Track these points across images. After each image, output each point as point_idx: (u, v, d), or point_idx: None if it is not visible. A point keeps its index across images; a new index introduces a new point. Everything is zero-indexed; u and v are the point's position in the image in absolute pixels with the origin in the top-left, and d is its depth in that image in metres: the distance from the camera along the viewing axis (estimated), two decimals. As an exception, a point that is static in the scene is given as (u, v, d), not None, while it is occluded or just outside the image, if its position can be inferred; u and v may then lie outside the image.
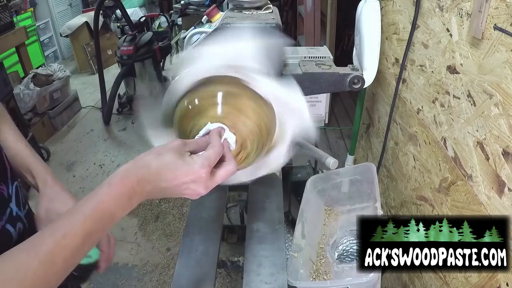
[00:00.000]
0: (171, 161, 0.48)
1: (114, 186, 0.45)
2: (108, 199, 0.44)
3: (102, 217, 0.44)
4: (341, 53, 3.74)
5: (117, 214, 0.46)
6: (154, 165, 0.47)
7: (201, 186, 0.49)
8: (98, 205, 0.44)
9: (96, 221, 0.43)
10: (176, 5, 3.89)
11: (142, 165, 0.47)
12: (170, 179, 0.47)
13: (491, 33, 0.70)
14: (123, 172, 0.47)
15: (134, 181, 0.46)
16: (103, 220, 0.44)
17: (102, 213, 0.44)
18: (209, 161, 0.50)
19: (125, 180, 0.46)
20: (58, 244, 0.41)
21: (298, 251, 0.97)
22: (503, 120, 0.69)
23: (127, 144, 3.01)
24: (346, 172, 1.21)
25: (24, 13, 4.11)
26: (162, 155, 0.48)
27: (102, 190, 0.45)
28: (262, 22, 0.89)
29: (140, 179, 0.46)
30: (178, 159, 0.48)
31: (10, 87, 2.45)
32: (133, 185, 0.46)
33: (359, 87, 1.10)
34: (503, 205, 0.71)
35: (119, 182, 0.46)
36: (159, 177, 0.47)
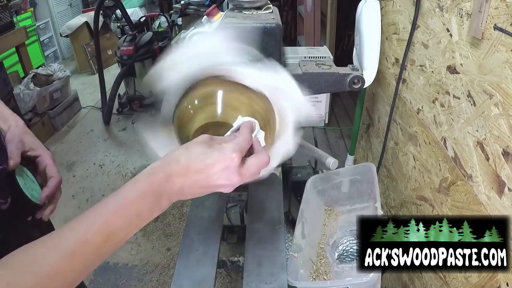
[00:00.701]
0: (200, 151, 0.46)
1: (139, 183, 0.44)
2: (133, 196, 0.43)
3: (127, 215, 0.42)
4: (341, 53, 3.74)
5: (144, 214, 0.44)
6: (183, 159, 0.45)
7: (234, 174, 0.46)
8: (121, 202, 0.42)
9: (119, 219, 0.41)
10: (176, 5, 3.89)
11: (170, 161, 0.45)
12: (201, 169, 0.45)
13: (491, 33, 0.70)
14: (150, 170, 0.45)
15: (163, 177, 0.44)
16: (127, 219, 0.42)
17: (126, 211, 0.42)
18: (239, 146, 0.47)
19: (151, 177, 0.44)
20: (79, 240, 0.39)
21: (298, 251, 0.97)
22: (503, 120, 0.69)
23: (127, 144, 3.01)
24: (346, 172, 1.21)
25: (24, 13, 4.11)
26: (190, 148, 0.46)
27: (127, 186, 0.43)
28: (262, 22, 0.89)
29: (169, 175, 0.44)
30: (207, 148, 0.46)
31: (10, 87, 2.45)
32: (161, 182, 0.44)
33: (359, 87, 1.10)
34: (503, 205, 0.71)
35: (145, 179, 0.44)
36: (189, 169, 0.45)
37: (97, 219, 0.41)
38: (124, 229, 0.42)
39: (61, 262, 0.38)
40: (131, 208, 0.42)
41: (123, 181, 2.53)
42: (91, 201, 2.38)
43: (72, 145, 3.03)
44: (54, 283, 0.38)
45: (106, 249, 0.41)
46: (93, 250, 0.40)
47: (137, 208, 0.43)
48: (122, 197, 0.43)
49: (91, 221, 0.41)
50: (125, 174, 2.61)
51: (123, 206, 0.42)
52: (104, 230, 0.40)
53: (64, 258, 0.38)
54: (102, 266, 1.89)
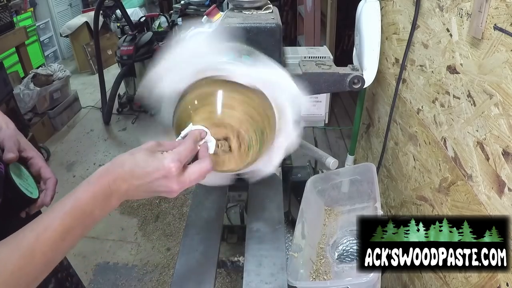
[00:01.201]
0: (141, 159, 0.49)
1: (91, 184, 0.47)
2: (86, 197, 0.46)
3: (81, 214, 0.45)
4: (341, 53, 3.74)
5: (96, 213, 0.47)
6: (127, 164, 0.49)
7: (173, 182, 0.50)
8: (76, 203, 0.45)
9: (74, 218, 0.44)
10: (176, 5, 3.89)
11: (117, 165, 0.49)
12: (141, 176, 0.49)
13: (491, 33, 0.70)
14: (101, 172, 0.48)
15: (110, 180, 0.47)
16: (81, 217, 0.45)
17: (80, 210, 0.45)
18: (179, 156, 0.50)
19: (101, 179, 0.47)
20: (38, 238, 0.42)
21: (298, 251, 0.97)
22: (503, 120, 0.69)
23: (127, 144, 3.01)
24: (346, 172, 1.21)
25: (24, 13, 4.11)
26: (134, 155, 0.50)
27: (81, 188, 0.47)
28: (262, 22, 0.89)
29: (115, 178, 0.48)
30: (149, 156, 0.50)
31: (10, 87, 2.45)
32: (109, 184, 0.47)
33: (359, 87, 1.10)
34: (503, 205, 0.71)
35: (96, 181, 0.47)
36: (132, 175, 0.48)
37: (54, 221, 0.43)
38: (79, 227, 0.45)
39: (23, 260, 0.41)
40: (85, 208, 0.45)
41: (123, 181, 2.53)
42: (91, 201, 2.37)
43: (72, 145, 3.03)
44: (18, 280, 0.40)
45: (64, 246, 0.45)
46: (51, 248, 0.43)
47: (90, 208, 0.46)
48: (76, 198, 0.46)
49: (50, 222, 0.43)
50: (125, 174, 2.61)
51: (77, 207, 0.45)
52: (60, 229, 0.43)
53: (26, 256, 0.41)
54: (102, 266, 1.89)
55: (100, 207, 0.47)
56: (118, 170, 0.48)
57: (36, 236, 0.42)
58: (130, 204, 2.30)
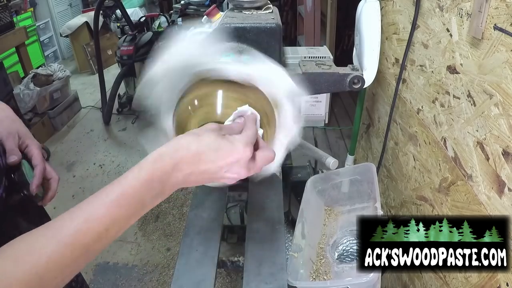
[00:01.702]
0: (212, 141, 0.44)
1: (145, 170, 0.42)
2: (138, 184, 0.41)
3: (130, 203, 0.40)
4: (341, 53, 3.74)
5: (147, 202, 0.42)
6: (195, 146, 0.43)
7: (244, 168, 0.46)
8: (125, 190, 0.40)
9: (122, 207, 0.40)
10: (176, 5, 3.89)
11: (180, 147, 0.43)
12: (212, 159, 0.44)
13: (491, 33, 0.70)
14: (157, 156, 0.43)
15: (170, 165, 0.42)
16: (130, 207, 0.40)
17: (130, 198, 0.40)
18: (251, 140, 0.47)
19: (158, 164, 0.42)
20: (79, 229, 0.38)
21: (298, 251, 0.97)
22: (503, 120, 0.69)
23: (127, 144, 3.01)
24: (346, 172, 1.21)
25: (24, 13, 4.11)
26: (201, 136, 0.45)
27: (132, 174, 0.41)
28: (262, 22, 0.89)
29: (178, 163, 0.43)
30: (220, 138, 0.45)
31: (10, 87, 2.45)
32: (168, 169, 0.42)
33: (359, 87, 1.10)
34: (503, 205, 0.71)
35: (151, 166, 0.42)
36: (199, 158, 0.43)
37: (98, 208, 0.39)
38: (126, 218, 0.41)
39: (60, 252, 0.37)
40: (135, 196, 0.41)
41: (123, 181, 2.53)
42: (91, 201, 2.38)
43: (72, 145, 3.03)
44: (52, 273, 0.36)
45: (107, 238, 0.40)
46: (94, 240, 0.38)
47: (141, 197, 0.41)
48: (125, 184, 0.41)
49: (92, 210, 0.39)
50: (125, 174, 2.61)
51: (127, 195, 0.40)
52: (105, 219, 0.39)
53: (64, 248, 0.37)
54: (102, 266, 1.89)
55: (152, 196, 0.42)
56: (181, 153, 0.43)
57: (77, 226, 0.37)
58: (130, 204, 2.30)
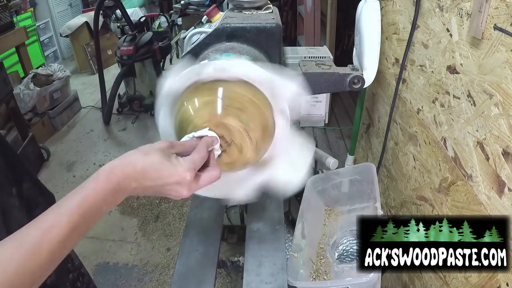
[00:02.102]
0: (156, 161, 0.49)
1: (100, 181, 0.46)
2: (94, 193, 0.45)
3: (88, 211, 0.44)
4: (341, 53, 3.74)
5: (103, 209, 0.46)
6: (140, 164, 0.48)
7: (184, 188, 0.50)
8: (84, 199, 0.44)
9: (82, 214, 0.44)
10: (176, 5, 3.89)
11: (128, 163, 0.48)
12: (154, 178, 0.49)
13: (491, 33, 0.70)
14: (110, 169, 0.47)
15: (120, 177, 0.47)
16: (89, 214, 0.45)
17: (88, 207, 0.44)
18: (195, 165, 0.51)
19: (111, 176, 0.47)
20: (44, 236, 0.41)
21: (298, 251, 0.97)
22: (503, 120, 0.69)
23: (127, 144, 3.01)
24: (346, 172, 1.21)
25: (24, 13, 4.11)
26: (148, 155, 0.49)
27: (89, 185, 0.46)
28: (262, 22, 0.89)
29: (126, 177, 0.47)
30: (164, 159, 0.49)
31: (10, 87, 2.45)
32: (119, 181, 0.47)
33: (359, 87, 1.10)
34: (503, 205, 0.71)
35: (105, 178, 0.46)
36: (144, 176, 0.48)
37: (61, 216, 0.43)
38: (86, 224, 0.45)
39: (28, 258, 0.40)
40: (93, 205, 0.45)
41: (123, 181, 2.53)
42: (91, 201, 2.37)
43: (72, 145, 3.03)
44: (22, 279, 0.40)
45: (70, 242, 0.44)
46: (58, 245, 0.42)
47: (98, 205, 0.45)
48: (84, 194, 0.45)
49: (56, 218, 0.43)
50: (125, 174, 2.61)
51: (86, 203, 0.44)
52: (67, 226, 0.42)
53: (31, 254, 0.40)
54: (102, 266, 1.89)
55: (107, 203, 0.47)
56: (129, 169, 0.48)
57: (42, 234, 0.41)
58: (130, 204, 2.30)
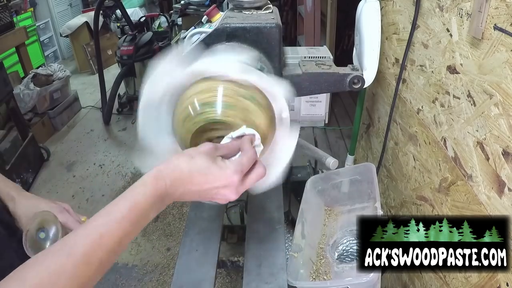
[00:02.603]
0: (203, 165, 0.48)
1: (148, 187, 0.45)
2: (144, 199, 0.44)
3: (139, 218, 0.44)
4: (341, 53, 3.74)
5: (150, 215, 0.46)
6: (187, 168, 0.47)
7: (232, 192, 0.49)
8: (135, 206, 0.43)
9: (132, 221, 0.43)
10: (176, 5, 3.89)
11: (175, 168, 0.47)
12: (202, 182, 0.48)
13: (491, 33, 0.70)
14: (157, 173, 0.46)
15: (168, 183, 0.46)
16: (139, 220, 0.44)
17: (139, 213, 0.44)
18: (243, 167, 0.50)
19: (159, 181, 0.46)
20: (94, 245, 0.40)
21: (298, 251, 0.97)
22: (503, 120, 0.69)
23: (127, 144, 3.01)
24: (346, 172, 1.21)
25: (24, 13, 4.11)
26: (194, 158, 0.48)
27: (138, 190, 0.45)
28: (262, 22, 0.89)
29: (173, 181, 0.46)
30: (211, 163, 0.48)
31: (10, 87, 2.45)
32: (166, 186, 0.46)
33: (359, 87, 1.10)
34: (503, 205, 0.71)
35: (153, 184, 0.45)
36: (191, 180, 0.47)
37: (111, 223, 0.42)
38: (135, 230, 0.44)
39: (79, 269, 0.39)
40: (141, 211, 0.44)
41: (123, 181, 2.53)
42: (91, 201, 2.38)
43: (72, 145, 3.03)
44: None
45: (120, 249, 0.43)
46: (108, 254, 0.41)
47: (146, 211, 0.44)
48: (133, 200, 0.44)
49: (106, 226, 0.41)
50: (125, 174, 2.61)
51: (135, 210, 0.43)
52: (118, 233, 0.42)
53: (81, 265, 0.39)
54: (102, 266, 1.89)
55: (155, 209, 0.46)
56: (175, 174, 0.47)
57: (92, 243, 0.40)
58: (130, 204, 2.30)
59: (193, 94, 0.61)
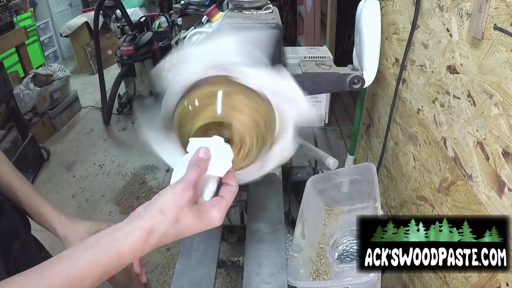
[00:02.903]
0: (190, 223, 0.48)
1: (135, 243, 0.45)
2: (128, 252, 0.44)
3: (121, 261, 0.44)
4: (341, 53, 3.74)
5: (138, 255, 0.46)
6: (173, 233, 0.48)
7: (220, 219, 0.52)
8: (116, 257, 0.44)
9: (115, 266, 0.44)
10: (176, 5, 3.89)
11: (164, 234, 0.47)
12: (190, 233, 0.50)
13: (491, 33, 0.70)
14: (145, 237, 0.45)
15: (152, 243, 0.46)
16: (121, 263, 0.45)
17: (123, 259, 0.44)
18: (227, 207, 0.54)
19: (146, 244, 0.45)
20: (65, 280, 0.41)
21: (298, 251, 0.97)
22: (503, 120, 0.69)
23: (127, 144, 3.01)
24: (346, 172, 1.21)
25: (24, 13, 4.11)
26: (180, 221, 0.47)
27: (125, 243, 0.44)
28: (262, 22, 0.89)
29: (158, 242, 0.47)
30: (196, 217, 0.49)
31: (10, 87, 2.45)
32: (151, 245, 0.46)
33: (359, 87, 1.10)
34: (503, 205, 0.71)
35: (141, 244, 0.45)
36: (179, 236, 0.49)
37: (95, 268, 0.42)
38: (118, 269, 0.45)
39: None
40: (127, 258, 0.45)
41: (123, 181, 2.53)
42: (91, 201, 2.38)
43: (72, 145, 3.03)
44: None
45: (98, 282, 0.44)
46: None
47: (132, 257, 0.45)
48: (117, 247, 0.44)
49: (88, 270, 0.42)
50: (125, 174, 2.61)
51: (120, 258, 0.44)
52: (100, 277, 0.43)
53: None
54: (102, 266, 1.89)
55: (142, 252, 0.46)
56: (164, 239, 0.47)
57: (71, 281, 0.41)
58: (130, 204, 2.30)
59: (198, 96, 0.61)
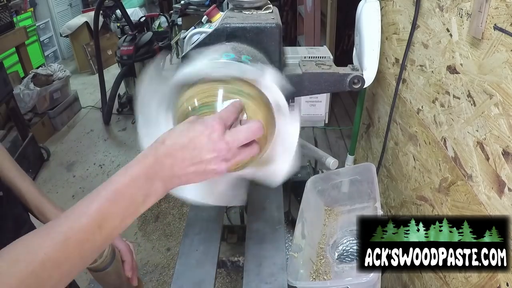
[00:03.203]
0: (183, 128, 0.45)
1: (130, 168, 0.43)
2: (125, 181, 0.42)
3: (120, 200, 0.41)
4: (341, 53, 3.74)
5: (138, 199, 0.43)
6: (168, 139, 0.44)
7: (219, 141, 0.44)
8: (115, 188, 0.41)
9: (112, 203, 0.41)
10: (176, 5, 3.89)
11: (157, 144, 0.45)
12: (185, 144, 0.44)
13: (491, 33, 0.70)
14: (140, 155, 0.45)
15: (152, 160, 0.43)
16: (120, 203, 0.41)
17: (119, 196, 0.41)
18: (220, 115, 0.46)
19: (142, 160, 0.44)
20: (72, 225, 0.39)
21: (298, 251, 0.97)
22: (503, 120, 0.69)
23: (127, 144, 3.02)
24: (346, 172, 1.21)
25: (24, 13, 4.11)
26: (173, 129, 0.46)
27: (119, 173, 0.43)
28: (262, 22, 0.89)
29: (157, 157, 0.44)
30: (190, 124, 0.45)
31: (10, 87, 2.45)
32: (151, 165, 0.43)
33: (359, 87, 1.10)
34: (503, 205, 0.71)
35: (136, 164, 0.44)
36: (174, 147, 0.44)
37: (90, 205, 0.40)
38: (118, 215, 0.42)
39: (55, 249, 0.37)
40: (124, 193, 0.42)
41: (123, 181, 2.53)
42: (91, 201, 2.38)
43: (72, 145, 3.03)
44: (48, 272, 0.37)
45: (102, 236, 0.40)
46: (87, 236, 0.39)
47: (130, 193, 0.42)
48: (114, 183, 0.42)
49: (85, 208, 0.40)
50: (125, 174, 2.61)
51: (116, 192, 0.41)
52: (97, 216, 0.40)
53: (58, 245, 0.38)
54: (102, 266, 1.89)
55: (143, 192, 0.43)
56: (159, 149, 0.44)
57: (71, 223, 0.38)
58: (130, 204, 2.30)
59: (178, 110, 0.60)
